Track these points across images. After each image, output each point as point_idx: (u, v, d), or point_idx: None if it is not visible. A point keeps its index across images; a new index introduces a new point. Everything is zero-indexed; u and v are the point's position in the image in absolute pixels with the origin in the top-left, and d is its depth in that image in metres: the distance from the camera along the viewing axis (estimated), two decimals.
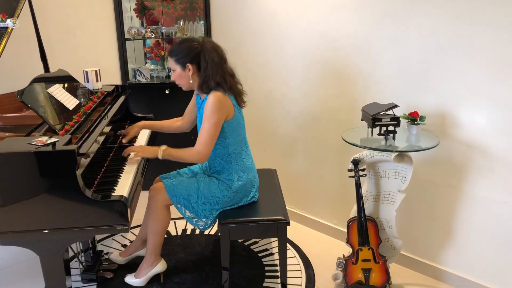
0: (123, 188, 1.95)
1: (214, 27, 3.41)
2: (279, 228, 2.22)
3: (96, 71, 2.63)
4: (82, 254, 2.48)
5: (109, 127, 2.39)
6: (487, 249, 2.29)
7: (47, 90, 2.17)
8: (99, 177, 2.03)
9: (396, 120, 2.16)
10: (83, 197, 1.71)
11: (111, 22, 3.45)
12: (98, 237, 2.92)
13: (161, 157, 2.17)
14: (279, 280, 2.44)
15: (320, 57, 2.77)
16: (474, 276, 2.37)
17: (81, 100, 2.36)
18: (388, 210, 2.29)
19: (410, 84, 2.39)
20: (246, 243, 2.89)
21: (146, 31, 3.47)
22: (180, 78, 2.21)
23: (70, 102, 2.24)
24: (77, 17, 3.27)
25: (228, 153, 2.26)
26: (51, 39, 2.93)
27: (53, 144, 1.72)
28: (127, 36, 3.50)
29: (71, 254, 2.48)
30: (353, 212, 2.35)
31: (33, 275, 2.55)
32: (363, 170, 2.29)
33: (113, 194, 1.88)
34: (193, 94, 2.41)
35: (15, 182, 1.69)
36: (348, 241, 2.32)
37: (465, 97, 2.20)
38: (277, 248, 2.39)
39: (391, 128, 2.18)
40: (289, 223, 2.21)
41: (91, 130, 2.03)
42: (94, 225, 1.77)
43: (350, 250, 2.34)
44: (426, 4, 2.23)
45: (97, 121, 2.17)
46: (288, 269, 2.37)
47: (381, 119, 2.16)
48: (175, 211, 2.32)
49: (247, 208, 2.31)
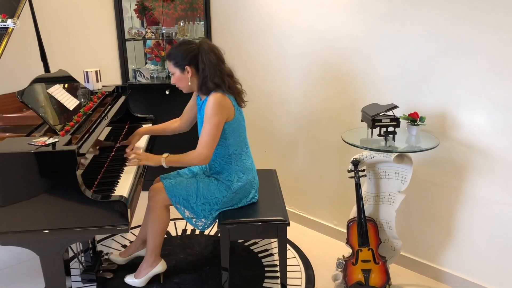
0: (123, 188, 1.95)
1: (214, 27, 3.42)
2: (279, 229, 2.22)
3: (96, 71, 2.63)
4: (82, 254, 2.48)
5: (109, 128, 2.39)
6: (487, 249, 2.29)
7: (47, 91, 2.17)
8: (99, 177, 2.03)
9: (396, 121, 2.16)
10: (83, 197, 1.72)
11: (111, 22, 3.45)
12: (98, 237, 2.92)
13: (165, 165, 2.17)
14: (279, 281, 2.44)
15: (320, 57, 2.77)
16: (474, 276, 2.37)
17: (81, 100, 2.36)
18: (388, 211, 2.29)
19: (410, 85, 2.39)
20: (246, 244, 2.89)
21: (146, 32, 3.47)
22: (180, 81, 2.22)
23: (70, 102, 2.25)
24: (78, 18, 3.27)
25: (228, 154, 2.26)
26: (51, 40, 2.93)
27: (53, 145, 1.72)
28: (127, 36, 3.50)
29: (71, 254, 2.48)
30: (353, 212, 2.35)
31: (33, 275, 2.55)
32: (363, 170, 2.29)
33: (113, 194, 1.88)
34: (193, 94, 2.41)
35: (15, 182, 1.69)
36: (348, 242, 2.32)
37: (465, 97, 2.20)
38: (277, 248, 2.38)
39: (391, 129, 2.18)
40: (289, 224, 2.21)
41: (91, 130, 2.03)
42: (94, 225, 1.77)
43: (350, 250, 2.34)
44: (426, 5, 2.23)
45: (97, 121, 2.17)
46: (288, 269, 2.37)
47: (381, 120, 2.17)
48: (174, 212, 2.32)
49: (247, 209, 2.31)
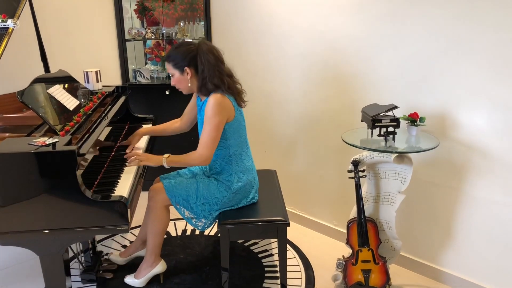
0: (123, 188, 1.95)
1: (214, 28, 3.42)
2: (278, 229, 2.22)
3: (96, 71, 2.63)
4: (82, 254, 2.48)
5: (109, 128, 2.39)
6: (486, 250, 2.29)
7: (48, 91, 2.17)
8: (99, 177, 2.03)
9: (396, 121, 2.16)
10: (83, 197, 1.72)
11: (111, 22, 3.45)
12: (98, 237, 2.92)
13: (166, 165, 2.18)
14: (278, 281, 2.44)
15: (319, 57, 2.77)
16: (474, 277, 2.37)
17: (81, 100, 2.36)
18: (388, 211, 2.29)
19: (410, 85, 2.39)
20: (246, 244, 2.89)
21: (147, 32, 3.47)
22: (180, 82, 2.22)
23: (71, 102, 2.25)
24: (78, 18, 3.27)
25: (229, 154, 2.27)
26: (51, 40, 2.93)
27: (53, 145, 1.72)
28: (127, 36, 3.50)
29: (71, 254, 2.48)
30: (353, 213, 2.35)
31: (33, 275, 2.55)
32: (363, 171, 2.29)
33: (113, 194, 1.88)
34: (193, 95, 2.41)
35: (16, 183, 1.69)
36: (348, 242, 2.32)
37: (465, 97, 2.21)
38: (276, 249, 2.38)
39: (391, 129, 2.18)
40: (288, 224, 2.21)
41: (91, 130, 2.04)
42: (94, 226, 1.77)
43: (350, 251, 2.34)
44: (426, 5, 2.23)
45: (97, 121, 2.17)
46: (287, 270, 2.37)
47: (381, 120, 2.17)
48: (174, 212, 2.32)
49: (247, 209, 2.31)
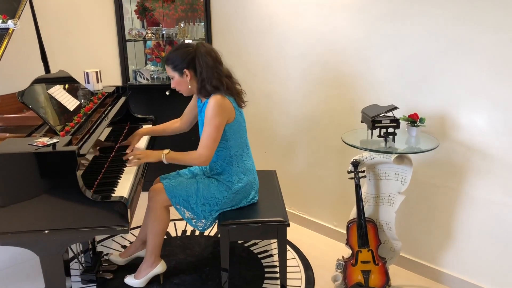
0: (123, 189, 1.96)
1: (215, 28, 3.42)
2: (278, 230, 2.22)
3: (96, 72, 2.64)
4: (82, 254, 2.48)
5: (109, 128, 2.39)
6: (486, 250, 2.29)
7: (48, 91, 2.18)
8: (99, 178, 2.03)
9: (396, 122, 2.17)
10: (83, 198, 1.72)
11: (111, 23, 3.46)
12: (98, 238, 2.92)
13: (165, 161, 2.18)
14: (278, 282, 2.44)
15: (319, 58, 2.77)
16: (474, 277, 2.37)
17: (82, 101, 2.37)
18: (388, 212, 2.29)
19: (409, 86, 2.39)
20: (245, 245, 2.89)
21: (147, 33, 3.47)
22: (179, 85, 2.22)
23: (71, 103, 2.25)
24: (78, 18, 3.28)
25: (230, 155, 2.27)
26: (51, 40, 2.93)
27: (53, 145, 1.73)
28: (127, 37, 3.51)
29: (71, 254, 2.48)
30: (353, 213, 2.36)
31: (33, 275, 2.55)
32: (363, 171, 2.29)
33: (113, 195, 1.89)
34: (193, 95, 2.41)
35: (16, 183, 1.69)
36: (348, 243, 2.32)
37: (464, 98, 2.21)
38: (276, 249, 2.38)
39: (390, 130, 2.18)
40: (288, 225, 2.21)
41: (91, 131, 2.04)
42: (94, 226, 1.77)
43: (350, 251, 2.34)
44: (426, 5, 2.24)
45: (98, 122, 2.17)
46: (287, 270, 2.37)
47: (381, 121, 2.17)
48: (174, 212, 2.32)
49: (246, 210, 2.31)
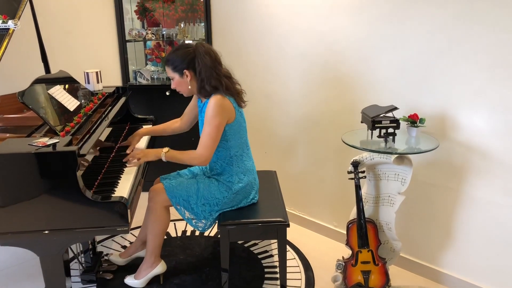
0: (123, 189, 1.96)
1: (215, 29, 3.42)
2: (278, 230, 2.22)
3: (97, 72, 2.64)
4: (82, 255, 2.48)
5: (109, 128, 2.40)
6: (486, 251, 2.29)
7: (48, 91, 2.18)
8: (99, 178, 2.03)
9: (396, 122, 2.17)
10: (83, 198, 1.72)
11: (112, 23, 3.46)
12: (98, 238, 2.92)
13: (164, 159, 2.19)
14: (278, 282, 2.44)
15: (319, 58, 2.77)
16: (473, 278, 2.37)
17: (82, 101, 2.37)
18: (388, 212, 2.29)
19: (409, 86, 2.39)
20: (245, 245, 2.89)
21: (147, 33, 3.47)
22: (180, 85, 2.23)
23: (71, 103, 2.25)
24: (78, 19, 3.28)
25: (230, 155, 2.27)
26: (52, 40, 2.93)
27: (53, 145, 1.73)
28: (127, 37, 3.51)
29: (71, 255, 2.48)
30: (353, 214, 2.36)
31: (33, 275, 2.55)
32: (363, 172, 2.29)
33: (113, 195, 1.89)
34: (194, 96, 2.42)
35: (16, 183, 1.69)
36: (348, 243, 2.32)
37: (464, 98, 2.21)
38: (276, 250, 2.38)
39: (391, 130, 2.18)
40: (288, 225, 2.21)
41: (91, 131, 2.04)
42: (94, 226, 1.77)
43: (350, 252, 2.34)
44: (426, 5, 2.24)
45: (98, 122, 2.17)
46: (287, 271, 2.37)
47: (381, 121, 2.17)
48: (174, 213, 2.32)
49: (247, 210, 2.31)
